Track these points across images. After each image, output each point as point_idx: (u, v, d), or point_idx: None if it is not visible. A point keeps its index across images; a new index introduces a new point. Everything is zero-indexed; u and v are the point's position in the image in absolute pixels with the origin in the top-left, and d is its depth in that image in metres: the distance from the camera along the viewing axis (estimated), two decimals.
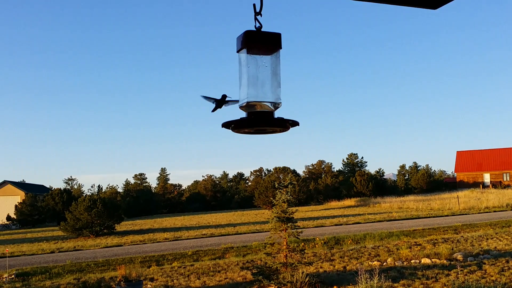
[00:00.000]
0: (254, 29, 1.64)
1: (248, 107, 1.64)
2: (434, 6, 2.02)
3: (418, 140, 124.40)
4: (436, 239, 17.50)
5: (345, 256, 14.64)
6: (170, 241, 24.48)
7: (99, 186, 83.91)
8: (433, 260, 12.68)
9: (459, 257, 12.82)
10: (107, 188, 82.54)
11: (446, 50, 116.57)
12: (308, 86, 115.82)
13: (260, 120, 1.65)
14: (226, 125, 1.67)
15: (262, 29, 1.65)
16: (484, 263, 11.93)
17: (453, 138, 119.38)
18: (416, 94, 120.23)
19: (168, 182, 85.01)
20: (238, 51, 1.66)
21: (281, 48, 1.66)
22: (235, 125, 1.65)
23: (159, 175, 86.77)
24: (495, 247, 14.51)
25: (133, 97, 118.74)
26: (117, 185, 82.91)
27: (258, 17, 1.65)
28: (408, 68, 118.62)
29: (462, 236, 18.11)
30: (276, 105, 1.66)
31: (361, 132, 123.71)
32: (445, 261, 12.46)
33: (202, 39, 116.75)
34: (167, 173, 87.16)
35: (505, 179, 74.37)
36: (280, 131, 1.72)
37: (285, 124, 1.66)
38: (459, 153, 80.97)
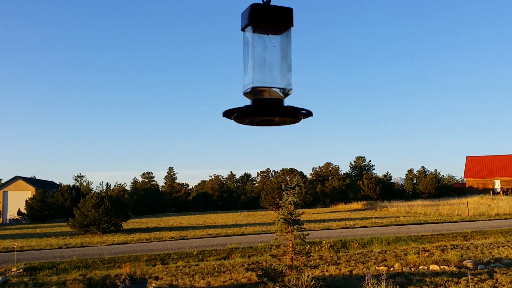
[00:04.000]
0: (261, 2, 1.43)
1: (253, 93, 1.40)
2: None
3: (427, 145, 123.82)
4: (445, 246, 17.19)
5: (352, 260, 14.39)
6: (176, 240, 24.34)
7: (107, 183, 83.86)
8: (442, 267, 12.40)
9: (469, 264, 12.52)
10: (115, 185, 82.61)
11: (457, 54, 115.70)
12: (316, 84, 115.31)
13: (267, 108, 1.40)
14: (228, 114, 1.43)
15: (271, 3, 1.43)
16: (495, 272, 11.63)
17: (462, 143, 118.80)
18: (425, 98, 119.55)
19: (176, 181, 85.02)
20: (242, 29, 1.44)
21: (292, 25, 1.43)
22: (238, 114, 1.41)
23: (166, 174, 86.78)
24: (507, 256, 14.19)
25: (143, 96, 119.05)
26: (125, 183, 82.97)
27: None
28: (418, 71, 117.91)
29: (472, 243, 17.78)
30: (286, 92, 1.42)
31: (369, 135, 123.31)
32: (454, 269, 12.18)
33: (206, 32, 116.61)
34: (174, 172, 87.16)
35: None
36: (290, 123, 1.47)
37: (297, 114, 1.42)
38: (468, 159, 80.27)
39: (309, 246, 14.91)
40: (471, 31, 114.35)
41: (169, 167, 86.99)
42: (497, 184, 74.95)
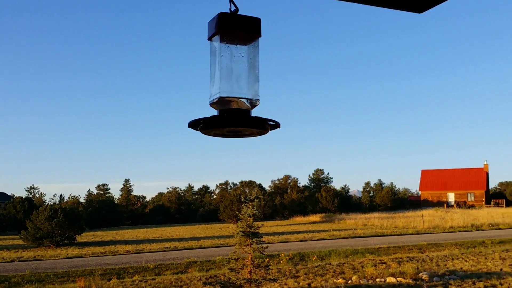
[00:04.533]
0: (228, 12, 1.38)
1: (220, 103, 1.35)
2: (419, 10, 1.87)
3: (384, 158, 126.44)
4: (401, 258, 17.47)
5: (310, 273, 14.42)
6: (132, 254, 23.82)
7: (61, 195, 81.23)
8: (398, 279, 12.58)
9: (425, 277, 12.76)
10: (69, 197, 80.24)
11: (411, 69, 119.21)
12: (275, 96, 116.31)
13: (235, 119, 1.36)
14: (194, 124, 1.37)
15: (239, 13, 1.39)
16: (450, 284, 11.88)
17: (418, 156, 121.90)
18: (382, 114, 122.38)
19: (132, 193, 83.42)
20: (209, 38, 1.38)
21: (260, 36, 1.39)
22: (204, 124, 1.35)
23: (122, 186, 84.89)
24: (461, 268, 14.54)
25: (100, 105, 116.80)
26: (79, 195, 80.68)
27: None
28: (374, 90, 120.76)
29: (427, 256, 18.15)
30: (253, 103, 1.38)
31: (328, 148, 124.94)
32: (410, 281, 12.37)
33: (172, 34, 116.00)
34: (130, 184, 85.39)
35: (469, 199, 75.98)
36: (258, 134, 1.41)
37: (265, 125, 1.37)
38: (423, 172, 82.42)
39: (268, 259, 14.86)
40: (434, 52, 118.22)
41: (125, 179, 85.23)
42: (451, 197, 77.20)
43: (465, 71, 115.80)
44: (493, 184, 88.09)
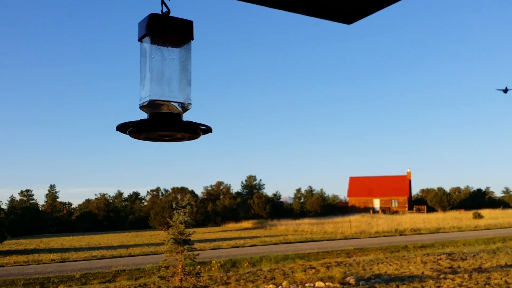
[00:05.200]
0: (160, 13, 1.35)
1: (150, 106, 1.30)
2: (348, 21, 1.91)
3: (314, 165, 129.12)
4: (329, 263, 17.88)
5: (241, 279, 14.44)
6: (57, 262, 22.82)
7: None
8: (326, 283, 12.86)
9: (352, 281, 13.12)
10: None
11: (339, 76, 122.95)
12: (209, 100, 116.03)
13: (166, 123, 1.31)
14: (122, 127, 1.31)
15: (171, 15, 1.36)
16: (376, 287, 12.30)
17: (347, 163, 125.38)
18: (312, 118, 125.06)
19: (57, 200, 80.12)
20: (140, 39, 1.33)
21: (192, 39, 1.36)
22: (133, 128, 1.29)
23: (47, 192, 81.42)
24: (386, 272, 15.08)
25: (23, 107, 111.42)
26: (1, 202, 76.46)
27: (166, 0, 1.36)
28: (305, 93, 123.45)
29: (354, 260, 18.69)
30: (185, 107, 1.34)
31: (260, 154, 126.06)
32: (338, 285, 12.69)
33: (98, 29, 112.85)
34: (56, 191, 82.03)
35: (393, 205, 79.32)
36: (189, 138, 1.38)
37: (196, 130, 1.34)
38: (351, 179, 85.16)
39: (199, 266, 14.73)
40: (360, 60, 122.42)
41: (51, 185, 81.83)
42: (377, 203, 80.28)
43: (387, 81, 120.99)
44: (415, 191, 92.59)
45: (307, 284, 12.93)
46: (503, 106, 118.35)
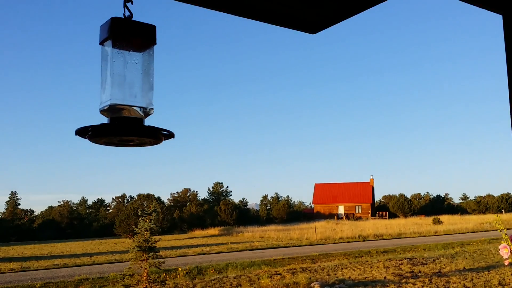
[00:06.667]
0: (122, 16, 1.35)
1: (111, 110, 1.29)
2: (313, 31, 1.95)
3: (280, 172, 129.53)
4: (295, 268, 17.97)
5: (207, 286, 14.36)
6: (17, 272, 22.15)
7: None
8: None
9: (317, 286, 13.23)
10: None
11: (305, 82, 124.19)
12: (174, 105, 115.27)
13: (126, 127, 1.30)
14: (82, 132, 1.29)
15: (134, 19, 1.36)
16: None
17: (312, 170, 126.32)
18: (277, 124, 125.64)
19: (19, 207, 78.00)
20: (101, 43, 1.33)
21: (155, 43, 1.37)
22: (93, 132, 1.28)
23: (8, 199, 79.20)
24: (349, 277, 15.26)
25: None
26: None
27: (129, 4, 1.36)
28: (270, 98, 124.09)
29: (319, 266, 18.83)
30: (147, 112, 1.34)
31: (227, 161, 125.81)
32: None
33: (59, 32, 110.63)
34: (17, 198, 79.93)
35: (357, 211, 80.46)
36: (151, 144, 1.36)
37: (158, 135, 1.32)
38: (316, 186, 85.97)
39: (164, 274, 14.58)
40: (323, 66, 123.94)
41: (12, 192, 79.66)
42: (341, 209, 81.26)
43: (351, 86, 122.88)
44: (378, 197, 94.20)
45: None
46: (462, 112, 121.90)
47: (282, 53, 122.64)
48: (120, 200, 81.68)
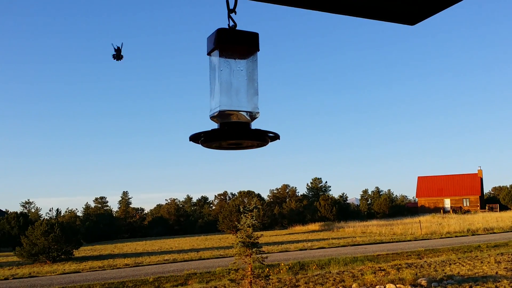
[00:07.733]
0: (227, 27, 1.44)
1: (220, 116, 1.40)
2: (412, 22, 1.92)
3: (381, 165, 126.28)
4: (400, 264, 17.48)
5: (310, 282, 14.41)
6: (131, 267, 23.71)
7: (57, 209, 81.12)
8: (397, 285, 12.59)
9: (423, 282, 12.78)
10: (66, 212, 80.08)
11: (407, 77, 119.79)
12: (275, 106, 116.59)
13: (235, 132, 1.40)
14: (195, 138, 1.41)
15: (237, 28, 1.44)
16: None
17: (414, 163, 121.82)
18: (378, 118, 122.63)
19: (130, 206, 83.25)
20: (209, 53, 1.44)
21: (258, 50, 1.45)
22: (205, 138, 1.39)
23: (120, 198, 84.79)
24: (458, 272, 14.57)
25: (97, 118, 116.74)
26: (76, 209, 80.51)
27: (232, 15, 1.44)
28: (370, 94, 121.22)
29: (425, 261, 18.17)
30: (253, 116, 1.43)
31: (325, 156, 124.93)
32: (409, 287, 12.39)
33: (170, 43, 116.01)
34: (129, 197, 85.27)
35: (465, 205, 76.22)
36: (258, 146, 1.46)
37: (265, 137, 1.41)
38: (420, 179, 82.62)
39: (267, 269, 14.85)
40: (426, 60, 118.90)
41: (123, 192, 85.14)
42: (447, 203, 77.40)
43: (456, 81, 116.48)
44: (487, 189, 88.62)
45: (377, 286, 12.73)
46: None
47: (380, 47, 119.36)
48: (222, 197, 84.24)
